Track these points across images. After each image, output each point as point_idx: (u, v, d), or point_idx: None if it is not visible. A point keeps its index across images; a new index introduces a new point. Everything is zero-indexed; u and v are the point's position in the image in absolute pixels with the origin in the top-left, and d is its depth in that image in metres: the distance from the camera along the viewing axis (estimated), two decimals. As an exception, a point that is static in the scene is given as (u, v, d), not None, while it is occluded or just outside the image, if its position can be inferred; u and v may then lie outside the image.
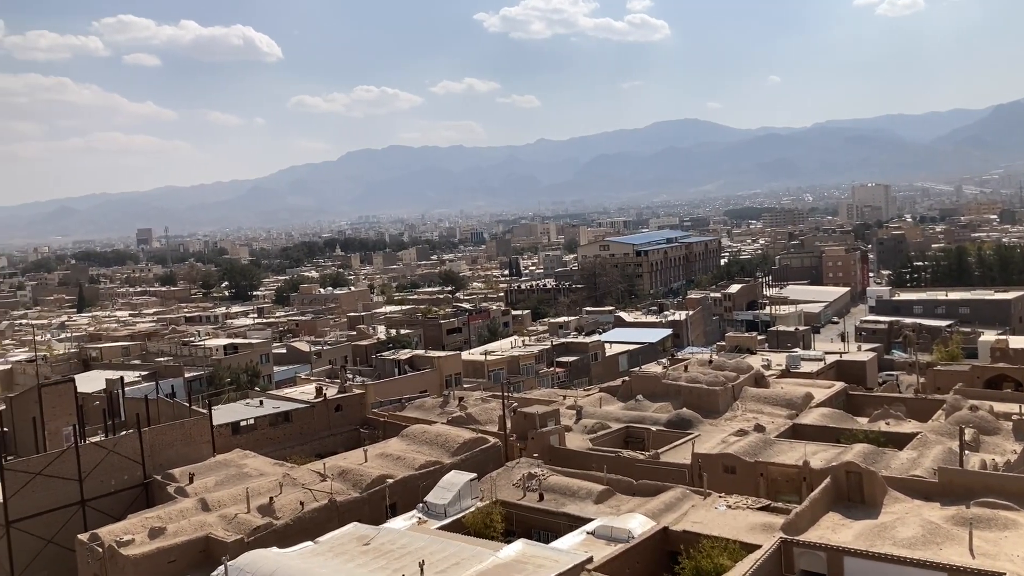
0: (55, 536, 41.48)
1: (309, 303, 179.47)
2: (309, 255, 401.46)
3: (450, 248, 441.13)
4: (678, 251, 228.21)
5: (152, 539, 35.66)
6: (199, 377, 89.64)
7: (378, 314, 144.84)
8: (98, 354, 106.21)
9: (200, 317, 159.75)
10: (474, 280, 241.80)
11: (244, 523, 36.90)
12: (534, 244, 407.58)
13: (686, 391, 57.65)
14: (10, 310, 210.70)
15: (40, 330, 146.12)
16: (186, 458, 46.34)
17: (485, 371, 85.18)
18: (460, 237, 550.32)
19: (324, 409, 60.19)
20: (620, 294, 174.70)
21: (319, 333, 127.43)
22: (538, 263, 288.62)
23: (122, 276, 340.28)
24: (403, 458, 45.55)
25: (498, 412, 54.36)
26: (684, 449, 45.69)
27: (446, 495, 38.62)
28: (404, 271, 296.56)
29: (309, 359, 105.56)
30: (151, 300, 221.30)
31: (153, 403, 53.34)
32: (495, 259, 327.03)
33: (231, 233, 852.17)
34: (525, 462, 43.37)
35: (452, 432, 49.12)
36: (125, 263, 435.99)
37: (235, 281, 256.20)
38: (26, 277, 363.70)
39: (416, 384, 77.26)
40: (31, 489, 41.52)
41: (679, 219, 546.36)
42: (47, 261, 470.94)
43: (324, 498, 39.50)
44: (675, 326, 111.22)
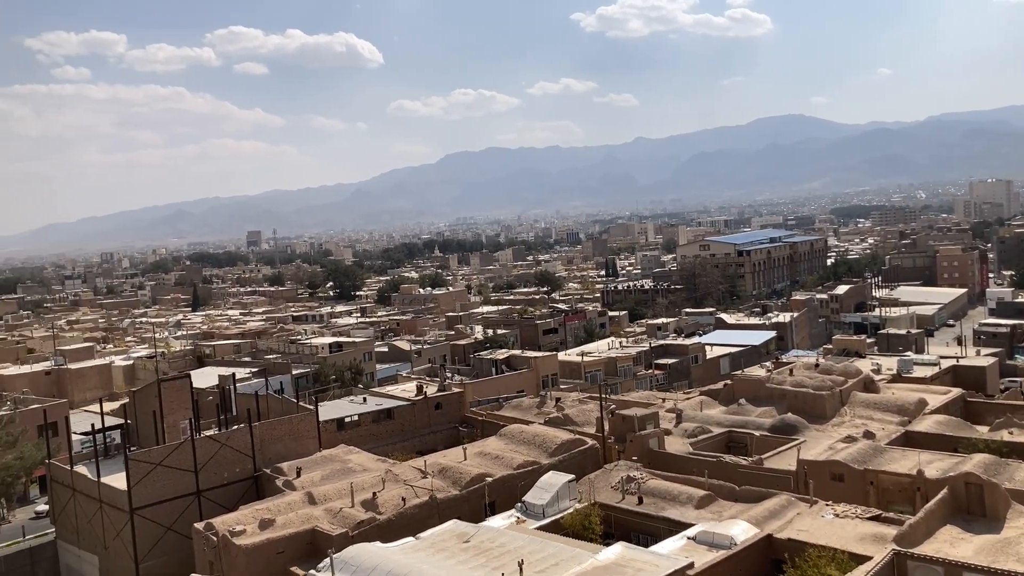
0: (174, 524, 43.67)
1: (409, 303, 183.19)
2: (409, 256, 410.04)
3: (546, 249, 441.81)
4: (782, 251, 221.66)
5: (262, 530, 37.07)
6: (306, 374, 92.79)
7: (475, 314, 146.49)
8: (211, 351, 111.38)
9: (306, 316, 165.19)
10: (570, 281, 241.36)
11: (348, 517, 37.92)
12: (631, 244, 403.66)
13: (791, 395, 55.95)
14: (131, 309, 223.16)
15: (158, 328, 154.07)
16: (293, 452, 48.01)
17: (582, 372, 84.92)
18: (556, 238, 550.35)
19: (424, 407, 61.27)
20: (721, 295, 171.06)
21: (419, 332, 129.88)
22: (635, 263, 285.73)
23: (233, 276, 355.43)
24: (501, 457, 45.88)
25: (595, 414, 54.09)
26: (789, 455, 44.34)
27: (544, 495, 38.66)
28: (500, 272, 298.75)
29: (409, 357, 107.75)
30: (260, 300, 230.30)
31: (263, 399, 55.45)
32: (591, 259, 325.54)
33: (335, 235, 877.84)
34: (624, 465, 42.99)
35: (550, 433, 49.16)
36: (236, 264, 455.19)
37: (339, 281, 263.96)
38: (145, 277, 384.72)
39: (513, 384, 77.72)
40: (152, 479, 43.84)
41: (783, 218, 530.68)
42: (164, 262, 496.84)
43: (425, 495, 40.19)
44: (779, 328, 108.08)
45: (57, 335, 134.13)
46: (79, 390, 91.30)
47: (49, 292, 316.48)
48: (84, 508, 48.41)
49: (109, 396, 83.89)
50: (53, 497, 53.50)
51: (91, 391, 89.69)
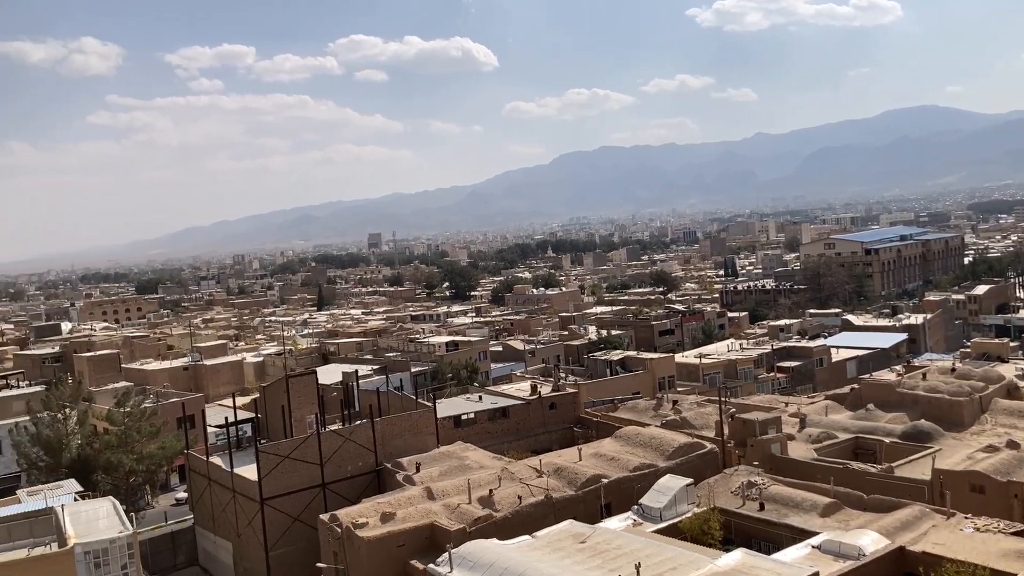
0: (300, 514, 45.57)
1: (523, 303, 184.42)
2: (522, 256, 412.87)
3: (661, 248, 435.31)
4: (913, 249, 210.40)
5: (383, 523, 38.16)
6: (424, 372, 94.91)
7: (589, 314, 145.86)
8: (336, 349, 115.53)
9: (424, 315, 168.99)
10: (687, 280, 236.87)
11: (466, 513, 38.54)
12: (751, 243, 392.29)
13: (924, 401, 53.05)
14: (261, 308, 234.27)
15: (286, 326, 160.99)
16: (413, 448, 49.20)
17: (700, 374, 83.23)
18: (672, 237, 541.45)
19: (539, 406, 61.54)
20: (847, 296, 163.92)
21: (532, 332, 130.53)
22: (756, 263, 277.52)
23: (355, 277, 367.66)
24: (617, 459, 45.55)
25: (714, 417, 52.91)
26: (922, 464, 42.04)
27: (662, 498, 38.15)
28: (614, 272, 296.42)
29: (523, 357, 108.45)
30: (381, 299, 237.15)
31: (384, 395, 57.09)
32: (709, 259, 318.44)
33: (451, 236, 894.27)
34: (744, 470, 41.88)
35: (667, 435, 48.45)
36: (358, 265, 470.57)
37: (455, 282, 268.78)
38: (274, 278, 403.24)
39: (628, 385, 76.98)
40: (281, 471, 45.89)
41: (914, 214, 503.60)
42: (291, 264, 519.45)
43: (540, 494, 40.37)
44: (911, 330, 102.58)
45: (193, 333, 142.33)
46: (213, 385, 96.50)
47: (186, 292, 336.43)
48: (219, 497, 51.18)
49: (241, 391, 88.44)
50: (191, 486, 56.88)
51: (224, 386, 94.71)
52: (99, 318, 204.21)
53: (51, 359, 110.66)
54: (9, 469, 67.19)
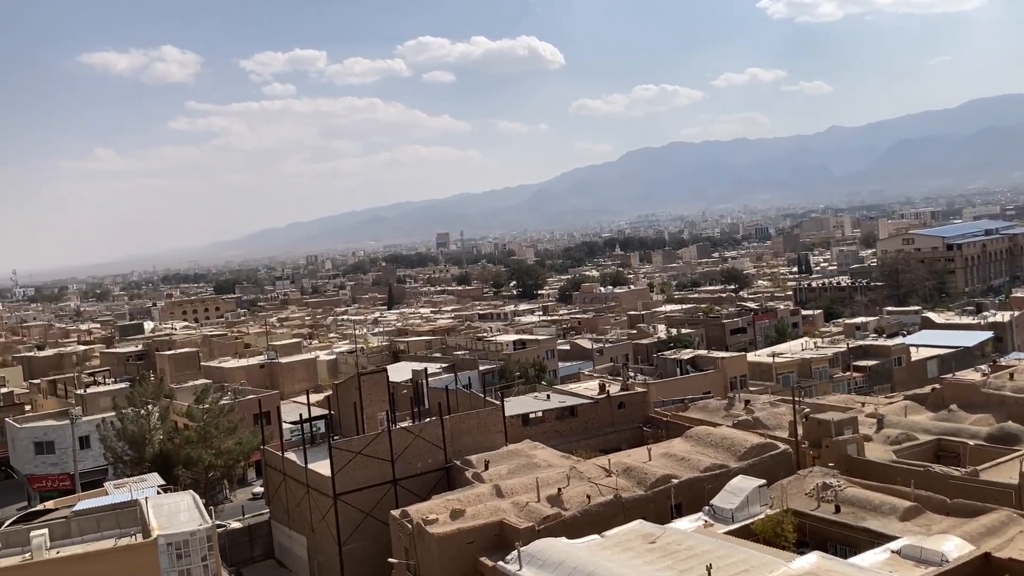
0: (372, 510, 46.32)
1: (590, 301, 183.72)
2: (590, 255, 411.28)
3: (732, 245, 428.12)
4: (1000, 244, 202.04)
5: (453, 520, 38.50)
6: (491, 370, 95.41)
7: (658, 313, 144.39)
8: (405, 347, 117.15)
9: (491, 314, 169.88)
10: (759, 278, 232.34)
11: (535, 511, 38.60)
12: (826, 239, 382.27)
13: (1012, 402, 50.88)
14: (334, 307, 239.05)
15: (358, 325, 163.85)
16: (481, 446, 49.51)
17: (773, 374, 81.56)
18: (743, 233, 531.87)
19: (607, 405, 61.21)
20: (927, 293, 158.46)
21: (600, 331, 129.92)
22: (831, 259, 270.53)
23: (424, 276, 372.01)
24: (687, 459, 44.99)
25: (787, 417, 51.76)
26: (1010, 467, 40.30)
27: (734, 500, 37.53)
28: (684, 269, 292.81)
29: (591, 356, 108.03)
30: (449, 298, 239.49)
31: (452, 393, 57.56)
32: (782, 255, 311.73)
33: (518, 235, 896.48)
34: (819, 471, 40.87)
35: (739, 436, 47.63)
36: (426, 264, 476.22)
37: (522, 280, 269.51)
38: (346, 278, 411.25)
39: (699, 384, 75.91)
40: (353, 467, 46.74)
41: (1000, 208, 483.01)
42: (362, 264, 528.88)
43: (609, 493, 40.16)
44: (997, 329, 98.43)
45: (269, 332, 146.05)
46: (288, 382, 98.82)
47: (262, 292, 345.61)
48: (294, 492, 52.42)
49: (315, 388, 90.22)
50: (267, 481, 58.37)
51: (299, 383, 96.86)
52: (179, 317, 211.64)
53: (134, 357, 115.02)
54: (97, 463, 70.08)
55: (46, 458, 73.28)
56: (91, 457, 71.46)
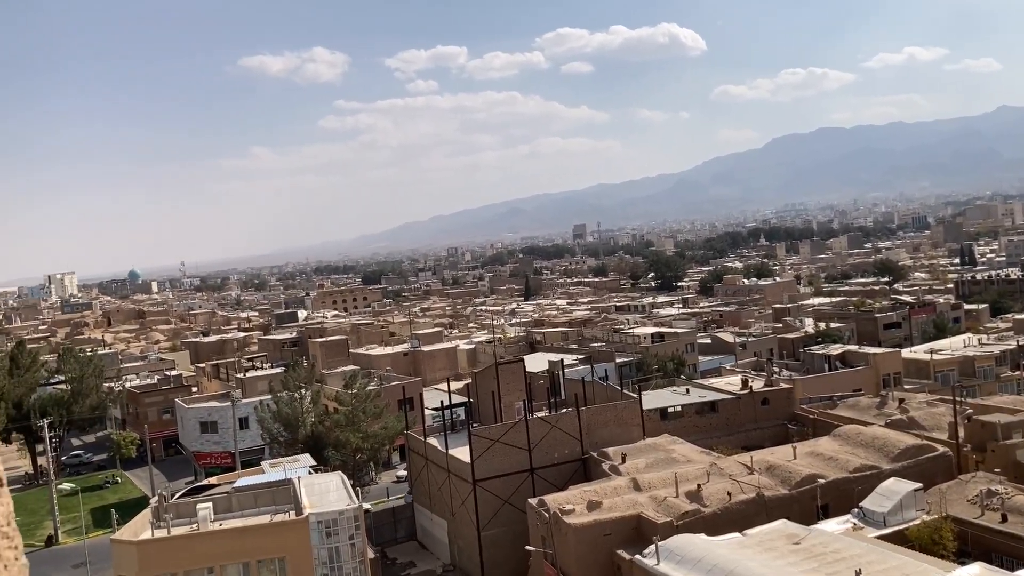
0: (510, 497, 47.06)
1: (733, 294, 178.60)
2: (733, 246, 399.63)
3: (887, 235, 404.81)
4: None
5: (590, 511, 38.54)
6: (628, 363, 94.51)
7: (805, 306, 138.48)
8: (542, 338, 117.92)
9: (629, 306, 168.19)
10: (916, 270, 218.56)
11: (673, 507, 38.05)
12: (993, 228, 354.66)
13: None
14: (473, 298, 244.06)
15: (496, 315, 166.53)
16: (618, 438, 49.25)
17: (931, 371, 76.62)
18: (899, 222, 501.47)
19: (750, 401, 59.45)
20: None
21: (743, 324, 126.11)
22: (998, 249, 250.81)
23: (561, 268, 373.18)
24: (835, 459, 43.06)
25: (947, 418, 48.54)
26: None
27: (886, 503, 35.63)
28: (833, 261, 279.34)
29: (733, 350, 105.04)
30: (585, 290, 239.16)
31: (588, 385, 57.54)
32: (942, 246, 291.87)
33: (657, 226, 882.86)
34: (983, 476, 38.14)
35: (892, 436, 45.13)
36: (563, 256, 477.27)
37: (661, 272, 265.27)
38: (484, 269, 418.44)
39: (849, 381, 72.25)
40: (491, 454, 47.62)
41: None
42: (500, 255, 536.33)
43: (751, 491, 39.04)
44: None
45: (412, 321, 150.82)
46: (430, 370, 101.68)
47: (406, 283, 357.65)
48: (435, 476, 54.00)
49: (455, 376, 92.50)
50: (410, 464, 60.44)
51: (440, 371, 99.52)
52: (330, 307, 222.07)
53: (289, 344, 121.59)
54: (255, 442, 74.71)
55: (210, 437, 78.93)
56: (249, 437, 76.20)
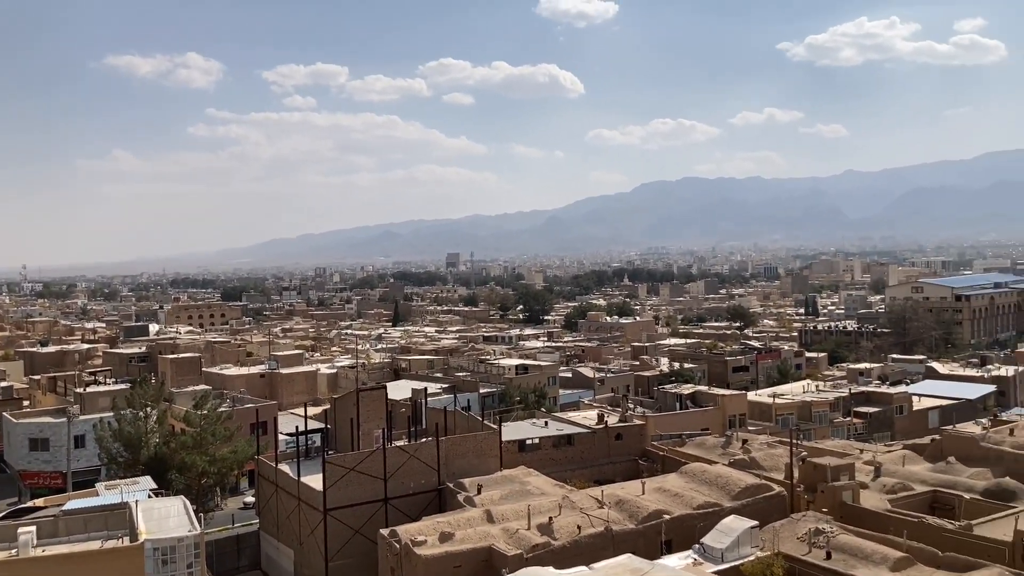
0: (361, 528, 46.14)
1: (595, 330, 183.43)
2: (598, 283, 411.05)
3: (741, 282, 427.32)
4: (1008, 297, 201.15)
5: (442, 542, 38.33)
6: (492, 393, 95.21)
7: (662, 346, 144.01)
8: (407, 365, 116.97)
9: (496, 337, 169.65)
10: (765, 317, 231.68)
11: (524, 539, 38.39)
12: (835, 282, 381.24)
13: (1010, 458, 50.48)
14: (339, 320, 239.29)
15: (361, 340, 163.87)
16: (476, 469, 49.35)
17: (772, 414, 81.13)
18: (752, 271, 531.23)
19: (605, 436, 61.01)
20: (933, 343, 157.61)
21: (603, 360, 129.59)
22: (838, 303, 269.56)
23: (431, 295, 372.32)
24: (681, 495, 44.76)
25: (784, 459, 51.46)
26: (1004, 524, 39.94)
27: (725, 539, 37.28)
28: (691, 304, 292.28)
29: (592, 385, 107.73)
30: (455, 318, 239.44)
31: (451, 414, 57.52)
32: (789, 296, 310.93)
33: (528, 260, 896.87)
34: (812, 516, 40.57)
35: (734, 475, 47.38)
36: (435, 283, 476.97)
37: (529, 305, 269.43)
38: (353, 292, 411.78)
39: (698, 421, 75.56)
40: (345, 482, 46.61)
41: (1011, 261, 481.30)
42: (371, 279, 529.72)
43: (601, 525, 39.94)
44: (1000, 383, 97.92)
45: (272, 341, 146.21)
46: (287, 393, 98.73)
47: (268, 301, 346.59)
48: (285, 504, 52.28)
49: (313, 401, 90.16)
50: (259, 491, 58.25)
51: (298, 395, 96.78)
52: (185, 322, 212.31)
53: (137, 359, 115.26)
54: (91, 462, 70.05)
55: (40, 455, 73.20)
56: (85, 457, 71.41)
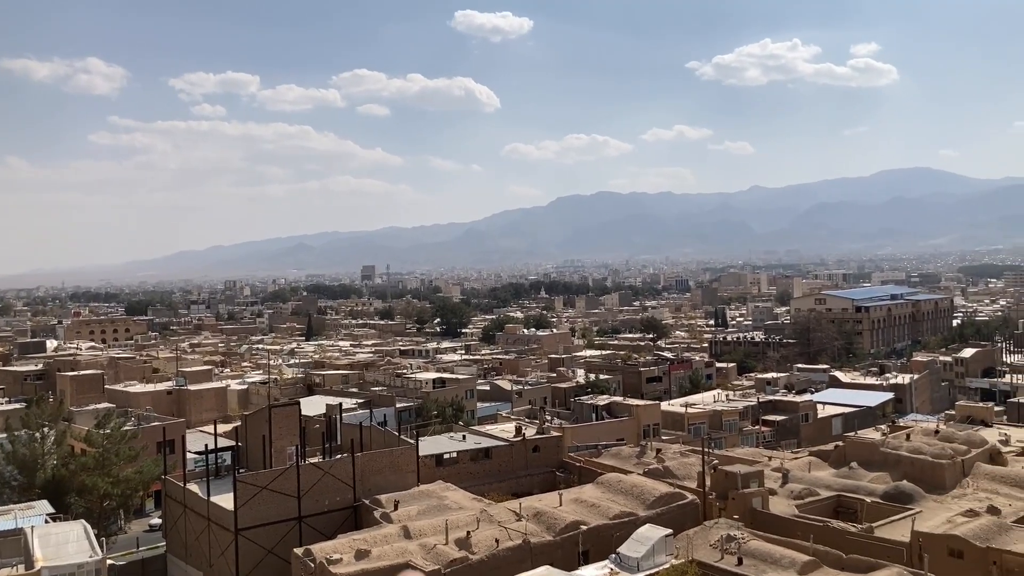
0: (275, 547, 44.94)
1: (513, 343, 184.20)
2: (516, 296, 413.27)
3: (654, 295, 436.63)
4: (904, 309, 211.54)
5: (358, 560, 37.67)
6: (409, 408, 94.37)
7: (578, 357, 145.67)
8: (321, 380, 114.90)
9: (413, 351, 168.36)
10: (677, 328, 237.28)
11: (442, 554, 38.10)
12: (743, 294, 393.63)
13: (907, 462, 52.92)
14: (250, 335, 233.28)
15: (273, 355, 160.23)
16: (393, 485, 48.75)
17: (685, 424, 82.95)
18: (664, 284, 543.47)
19: (522, 449, 61.18)
20: (836, 352, 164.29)
21: (521, 372, 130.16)
22: (746, 314, 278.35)
23: (346, 309, 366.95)
24: (597, 506, 45.23)
25: (697, 468, 52.66)
26: (902, 526, 41.86)
27: (640, 548, 37.82)
28: (606, 316, 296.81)
29: (510, 398, 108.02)
30: (370, 332, 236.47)
31: (367, 430, 56.68)
32: (700, 308, 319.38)
33: (445, 272, 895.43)
34: (724, 523, 41.61)
35: (648, 484, 48.18)
36: (350, 296, 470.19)
37: (446, 318, 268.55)
38: (265, 306, 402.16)
39: (613, 431, 76.64)
40: (257, 501, 45.35)
41: (906, 274, 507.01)
42: (283, 292, 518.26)
43: (519, 538, 39.98)
44: (897, 390, 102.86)
45: (180, 357, 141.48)
46: (196, 411, 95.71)
47: (176, 316, 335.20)
48: (193, 525, 50.49)
49: (223, 418, 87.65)
50: (166, 512, 56.10)
51: (207, 412, 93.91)
52: (86, 337, 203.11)
53: (33, 376, 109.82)
54: (-18, 487, 66.11)
55: (-75, 480, 68.71)
56: (-24, 481, 67.33)
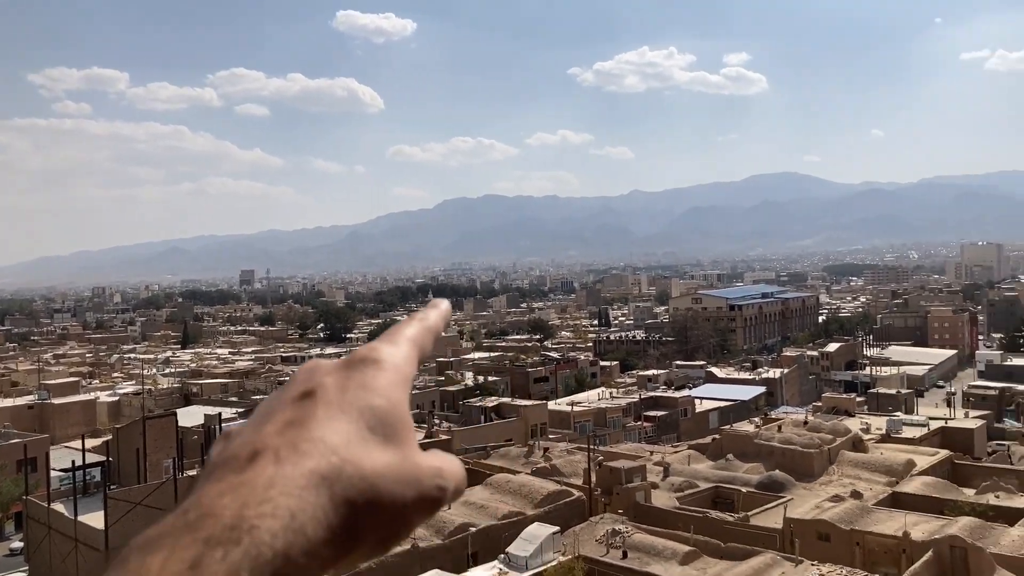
0: (150, 565, 42.86)
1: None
2: (402, 299, 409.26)
3: (540, 296, 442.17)
4: (774, 307, 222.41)
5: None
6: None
7: (466, 360, 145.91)
8: (199, 390, 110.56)
9: (295, 357, 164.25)
10: (563, 329, 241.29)
11: (328, 563, 37.36)
12: (624, 295, 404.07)
13: (779, 452, 55.75)
14: (120, 344, 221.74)
15: (147, 364, 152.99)
16: (276, 495, 47.40)
17: (571, 422, 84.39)
18: (550, 286, 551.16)
19: (410, 453, 60.72)
20: (712, 349, 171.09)
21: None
22: (628, 314, 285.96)
23: (224, 315, 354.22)
24: (486, 507, 45.45)
25: (583, 465, 53.74)
26: (775, 513, 44.04)
27: (528, 547, 38.26)
28: (494, 318, 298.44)
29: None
30: (250, 339, 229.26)
31: (248, 440, 54.88)
32: (585, 308, 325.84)
33: (329, 276, 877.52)
34: (609, 518, 42.65)
35: (536, 483, 48.81)
36: (228, 302, 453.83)
37: (330, 323, 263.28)
38: (136, 313, 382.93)
39: (502, 432, 77.16)
40: (131, 519, 43.16)
41: (775, 274, 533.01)
42: (156, 298, 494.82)
43: (407, 543, 39.68)
44: (769, 384, 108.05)
45: (42, 369, 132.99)
46: (62, 426, 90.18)
47: (37, 325, 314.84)
48: (59, 546, 47.57)
49: (92, 432, 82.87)
50: (28, 534, 52.63)
51: (74, 427, 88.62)
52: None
53: None
54: None
55: None
56: None
